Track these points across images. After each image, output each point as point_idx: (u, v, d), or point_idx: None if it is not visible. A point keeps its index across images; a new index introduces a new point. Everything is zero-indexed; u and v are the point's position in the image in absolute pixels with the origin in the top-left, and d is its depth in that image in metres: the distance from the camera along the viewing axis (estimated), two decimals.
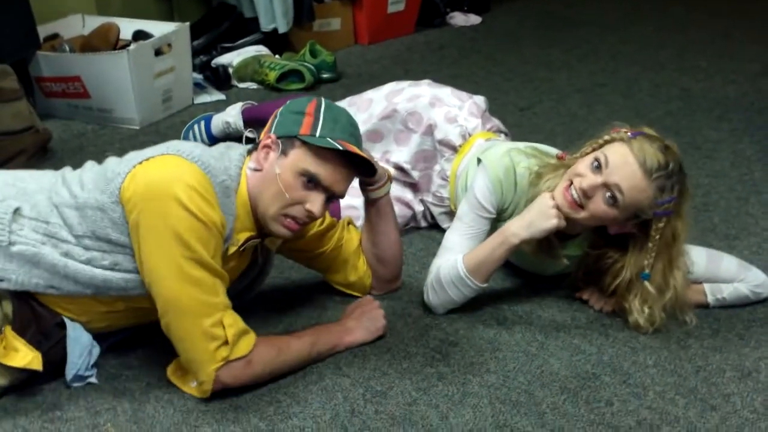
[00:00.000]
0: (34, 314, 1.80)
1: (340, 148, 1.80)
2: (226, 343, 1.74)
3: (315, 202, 1.83)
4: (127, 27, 3.56)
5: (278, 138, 1.85)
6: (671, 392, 1.92)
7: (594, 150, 2.01)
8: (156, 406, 1.82)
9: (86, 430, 1.75)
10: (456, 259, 2.09)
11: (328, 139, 1.82)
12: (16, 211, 1.77)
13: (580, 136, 2.24)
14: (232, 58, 3.91)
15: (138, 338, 1.98)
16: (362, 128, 2.37)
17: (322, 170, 1.82)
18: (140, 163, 1.75)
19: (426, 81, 2.67)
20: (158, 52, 3.38)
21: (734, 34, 4.83)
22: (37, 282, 1.77)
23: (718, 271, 2.20)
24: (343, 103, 2.66)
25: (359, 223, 2.25)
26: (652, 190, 1.94)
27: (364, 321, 2.05)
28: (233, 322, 1.76)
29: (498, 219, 2.20)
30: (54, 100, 3.41)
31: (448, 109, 2.51)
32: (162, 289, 1.72)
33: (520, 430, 1.78)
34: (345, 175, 1.88)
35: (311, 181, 1.83)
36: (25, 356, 1.76)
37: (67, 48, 3.43)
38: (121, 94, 3.29)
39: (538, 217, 2.01)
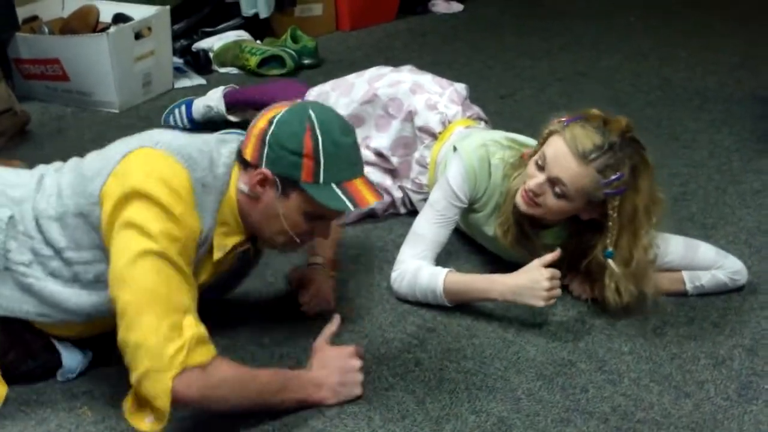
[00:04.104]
0: (21, 338, 1.77)
1: (352, 208, 1.74)
2: (183, 348, 1.58)
3: (323, 229, 1.84)
4: (107, 9, 3.53)
5: (275, 176, 1.73)
6: (646, 379, 1.93)
7: (541, 146, 2.04)
8: None
9: (63, 414, 1.75)
10: (439, 275, 2.10)
11: (334, 187, 1.73)
12: (10, 221, 1.73)
13: None
14: (212, 43, 3.88)
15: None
16: (344, 113, 2.37)
17: (328, 211, 1.78)
18: (118, 162, 1.69)
19: (407, 67, 2.67)
20: (138, 36, 3.36)
21: (715, 25, 4.84)
22: (28, 309, 1.74)
23: (696, 259, 2.22)
24: (326, 87, 2.66)
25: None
26: (592, 173, 1.94)
27: (338, 384, 1.81)
28: (193, 324, 1.61)
29: (470, 210, 2.21)
30: (33, 82, 3.38)
31: (429, 95, 2.51)
32: (123, 291, 1.60)
33: (496, 415, 1.80)
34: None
35: (317, 218, 1.80)
36: None
37: (47, 30, 3.41)
38: (101, 77, 3.27)
39: (528, 291, 2.00)
